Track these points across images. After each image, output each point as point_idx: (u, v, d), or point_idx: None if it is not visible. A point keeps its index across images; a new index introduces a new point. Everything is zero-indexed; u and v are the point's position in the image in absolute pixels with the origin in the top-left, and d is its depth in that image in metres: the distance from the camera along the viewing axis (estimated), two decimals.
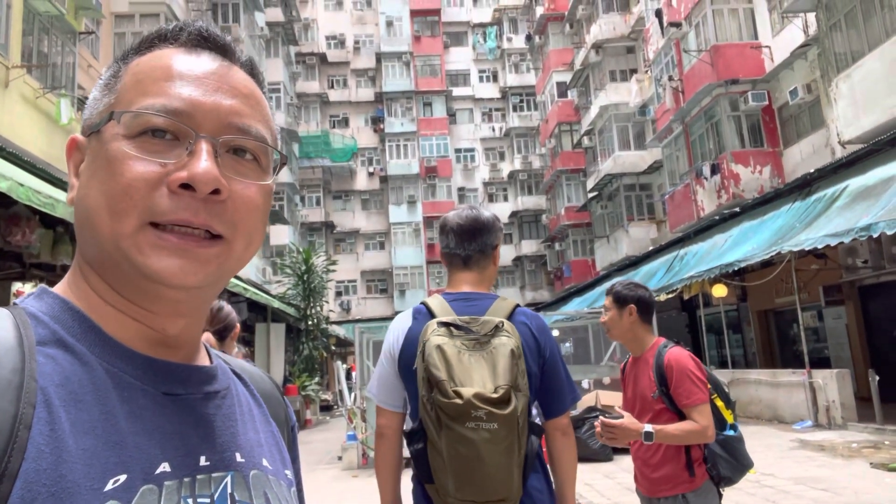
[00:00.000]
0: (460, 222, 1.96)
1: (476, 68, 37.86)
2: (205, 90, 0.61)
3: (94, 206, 0.59)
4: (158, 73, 0.61)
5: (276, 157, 0.67)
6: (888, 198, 8.53)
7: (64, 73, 11.82)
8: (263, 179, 0.64)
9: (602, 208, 24.89)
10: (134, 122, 0.59)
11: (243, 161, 0.63)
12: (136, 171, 0.57)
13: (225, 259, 0.61)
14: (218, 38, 0.66)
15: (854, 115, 11.77)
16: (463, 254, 1.95)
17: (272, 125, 0.68)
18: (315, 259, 19.16)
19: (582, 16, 25.68)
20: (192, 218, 0.58)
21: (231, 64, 0.66)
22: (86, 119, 0.65)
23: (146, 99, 0.60)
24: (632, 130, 22.93)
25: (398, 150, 35.53)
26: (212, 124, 0.60)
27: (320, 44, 36.67)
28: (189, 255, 0.58)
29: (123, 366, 0.58)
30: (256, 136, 0.63)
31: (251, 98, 0.65)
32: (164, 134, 0.59)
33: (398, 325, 1.94)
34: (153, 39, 0.65)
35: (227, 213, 0.60)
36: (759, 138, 16.27)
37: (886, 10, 11.03)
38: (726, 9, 16.48)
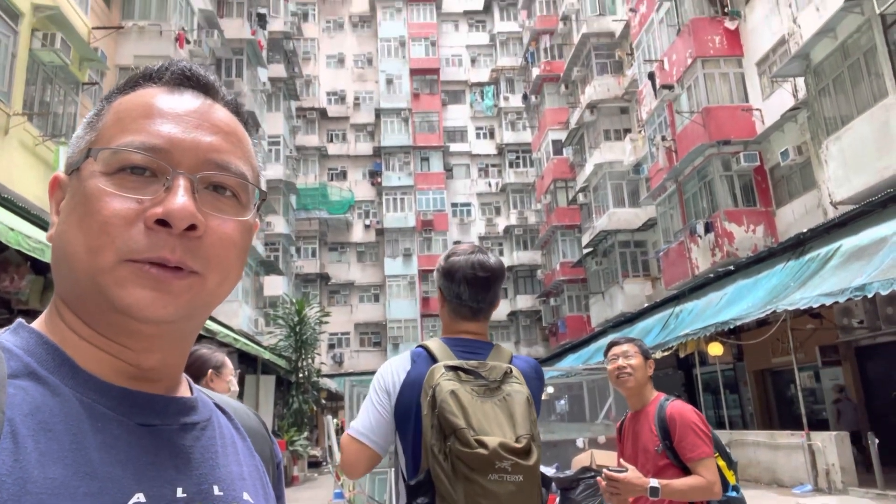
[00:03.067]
0: (476, 273, 1.80)
1: (473, 125, 38.58)
2: (185, 127, 0.62)
3: (72, 241, 0.59)
4: (139, 112, 0.62)
5: (256, 194, 0.67)
6: (881, 258, 8.55)
7: (65, 122, 11.96)
8: (243, 216, 0.64)
9: (597, 264, 24.94)
10: (112, 159, 0.59)
11: (222, 198, 0.63)
12: (112, 207, 0.57)
13: (198, 292, 0.60)
14: (201, 76, 0.67)
15: (845, 177, 11.94)
16: (476, 307, 1.82)
17: (254, 162, 0.68)
18: (308, 310, 19.01)
19: (577, 77, 26.34)
20: (168, 255, 0.57)
21: (214, 102, 0.66)
22: (68, 157, 0.65)
23: (126, 136, 0.60)
24: (626, 188, 23.20)
25: (395, 204, 35.81)
26: (190, 161, 0.60)
27: (321, 99, 37.43)
28: (162, 288, 0.58)
29: (97, 397, 0.58)
30: (236, 172, 0.63)
31: (232, 135, 0.65)
32: (143, 171, 0.59)
33: (395, 367, 1.78)
34: (138, 79, 0.66)
35: (203, 248, 0.60)
36: (752, 198, 16.45)
37: (873, 76, 11.34)
38: (717, 73, 16.93)
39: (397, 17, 38.48)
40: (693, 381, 18.19)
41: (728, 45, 16.95)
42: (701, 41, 16.94)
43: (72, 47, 11.31)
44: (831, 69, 12.50)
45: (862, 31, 11.51)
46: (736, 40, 16.97)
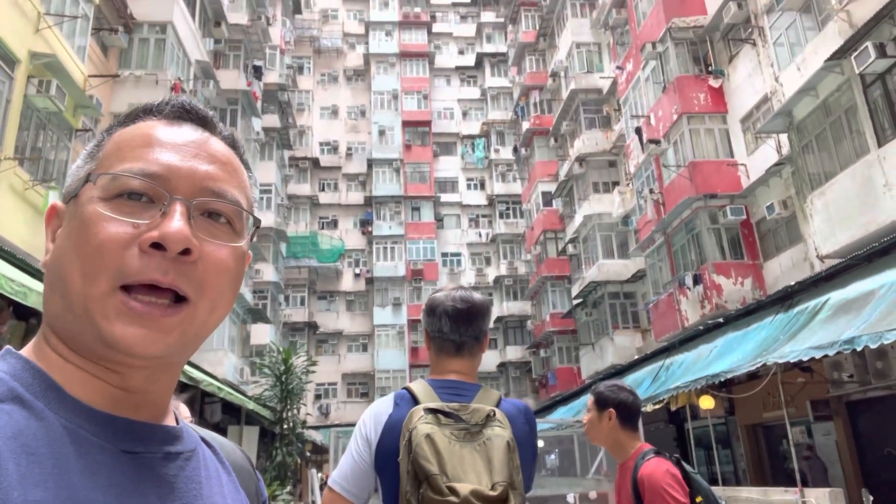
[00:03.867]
0: (456, 305, 1.79)
1: (464, 176, 39.05)
2: (182, 156, 0.64)
3: (67, 266, 0.60)
4: (139, 142, 0.64)
5: (251, 223, 0.69)
6: (869, 312, 8.57)
7: (56, 168, 11.97)
8: (236, 242, 0.65)
9: (587, 315, 24.88)
10: (111, 185, 0.61)
11: (217, 224, 0.64)
12: (108, 231, 0.58)
13: (188, 325, 0.61)
14: (199, 110, 0.69)
15: (830, 231, 12.09)
16: (458, 340, 1.79)
17: (248, 192, 0.70)
18: (295, 359, 18.73)
19: (566, 131, 26.86)
20: (161, 278, 0.58)
21: (211, 135, 0.68)
22: (66, 187, 0.67)
23: (125, 164, 0.62)
24: (615, 239, 23.38)
25: (385, 253, 35.85)
26: (187, 188, 0.62)
27: (314, 149, 37.87)
28: (152, 325, 0.58)
29: (81, 422, 0.58)
30: (231, 200, 0.65)
31: (228, 165, 0.67)
32: (140, 197, 0.61)
33: (377, 411, 1.73)
34: (138, 113, 0.68)
35: (197, 273, 0.61)
36: (740, 251, 16.60)
37: (855, 133, 11.62)
38: (702, 128, 17.31)
39: (391, 71, 39.37)
40: (685, 435, 17.92)
41: (712, 103, 17.40)
42: (686, 98, 17.39)
43: (67, 94, 11.42)
44: (814, 126, 12.81)
45: (842, 90, 11.85)
46: (720, 98, 17.42)
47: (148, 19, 15.72)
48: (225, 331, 20.01)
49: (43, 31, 11.18)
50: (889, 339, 7.28)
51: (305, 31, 39.38)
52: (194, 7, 18.03)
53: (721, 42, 17.68)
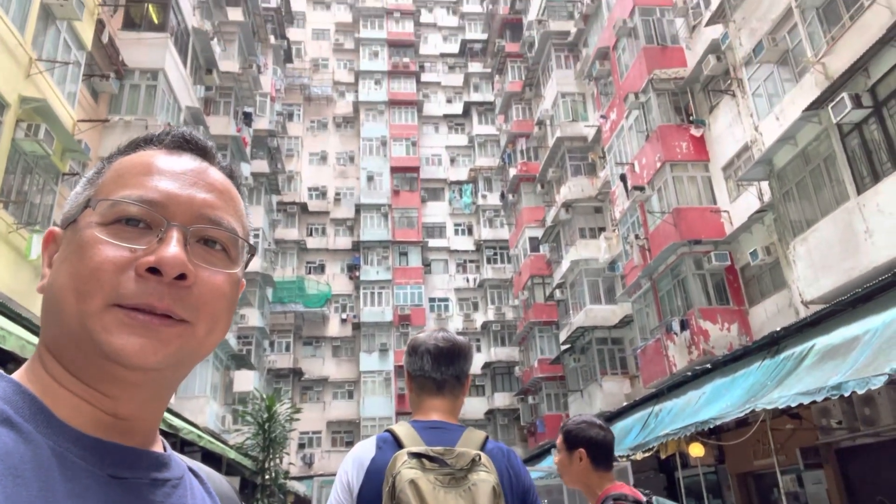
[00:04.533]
0: (437, 344, 1.80)
1: (452, 222, 39.27)
2: (181, 184, 0.65)
3: (62, 287, 0.61)
4: (139, 169, 0.66)
5: (246, 251, 0.70)
6: (855, 357, 8.59)
7: (41, 212, 11.90)
8: (231, 269, 0.67)
9: (575, 361, 24.73)
10: (109, 211, 0.62)
11: (213, 251, 0.66)
12: (105, 254, 0.60)
13: (186, 340, 0.62)
14: (199, 140, 0.71)
15: (814, 277, 12.21)
16: (439, 378, 1.78)
17: (245, 221, 0.71)
18: (279, 406, 18.37)
19: (552, 177, 27.22)
20: (157, 302, 0.59)
21: (210, 165, 0.70)
22: (64, 213, 0.68)
23: (124, 190, 0.63)
24: (602, 285, 23.45)
25: (372, 298, 35.68)
26: (185, 215, 0.63)
27: (302, 194, 38.03)
28: (151, 334, 0.59)
29: (69, 446, 0.58)
30: (228, 227, 0.66)
31: (225, 194, 0.69)
32: (138, 223, 0.62)
33: (358, 455, 1.68)
34: (139, 142, 0.70)
35: (192, 298, 0.62)
36: (725, 296, 16.68)
37: (834, 182, 11.86)
38: (685, 176, 17.62)
39: (380, 118, 39.96)
40: (675, 484, 17.62)
41: (694, 151, 17.76)
42: (669, 146, 17.75)
43: (55, 138, 11.44)
44: (794, 174, 13.07)
45: (821, 139, 12.15)
46: (702, 146, 17.80)
47: (140, 66, 15.92)
48: (207, 377, 19.65)
49: (34, 76, 11.28)
50: (876, 384, 7.28)
51: (296, 80, 40.05)
52: (186, 55, 18.31)
53: (702, 93, 18.16)
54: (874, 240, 10.61)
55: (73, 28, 12.76)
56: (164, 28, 16.60)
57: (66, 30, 12.61)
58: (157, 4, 16.77)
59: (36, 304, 10.93)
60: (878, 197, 10.57)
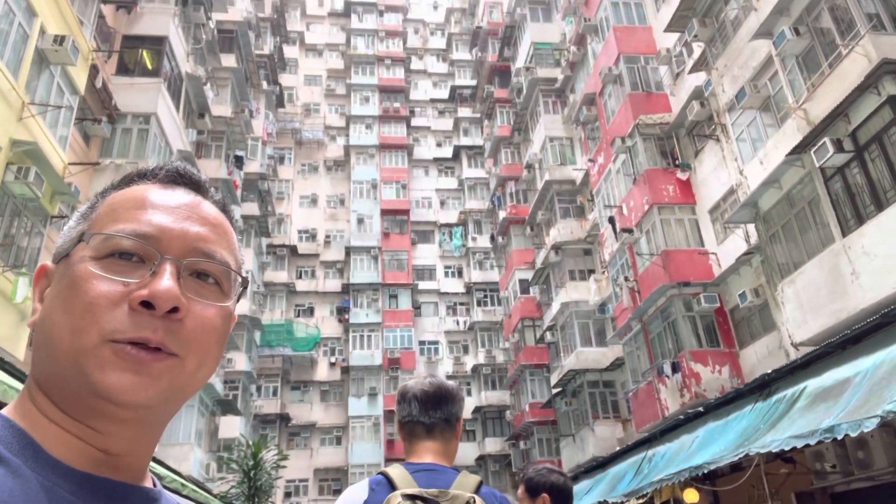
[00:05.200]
0: (424, 389, 1.81)
1: (442, 264, 39.30)
2: (175, 218, 0.66)
3: (56, 323, 0.61)
4: (132, 204, 0.66)
5: (239, 284, 0.70)
6: (847, 400, 8.55)
7: (28, 254, 11.80)
8: (223, 302, 0.67)
9: (567, 405, 24.48)
10: (103, 245, 0.62)
11: (205, 284, 0.66)
12: (98, 289, 0.60)
13: (177, 375, 0.61)
14: (193, 175, 0.72)
15: (802, 319, 12.24)
16: (427, 421, 1.77)
17: (237, 254, 0.72)
18: (265, 453, 17.97)
19: (541, 220, 27.43)
20: (150, 336, 0.60)
21: (203, 199, 0.71)
22: (57, 248, 0.68)
23: (118, 224, 0.64)
24: (593, 327, 23.40)
25: (362, 341, 35.37)
26: (178, 248, 0.64)
27: (292, 237, 38.03)
28: (143, 370, 0.59)
29: (59, 480, 0.58)
30: (221, 261, 0.67)
31: (219, 227, 0.69)
32: (131, 256, 0.62)
33: (351, 497, 1.65)
34: (133, 177, 0.71)
35: (184, 331, 0.62)
36: (716, 338, 16.67)
37: (820, 224, 12.01)
38: (673, 218, 17.81)
39: (370, 162, 40.35)
40: None
41: (681, 194, 18.00)
42: (656, 190, 17.99)
43: (45, 181, 11.42)
44: (779, 217, 13.24)
45: (804, 183, 12.35)
46: (688, 189, 18.05)
47: (132, 110, 16.05)
48: (192, 423, 19.23)
49: (26, 119, 11.33)
50: (868, 426, 7.23)
51: (288, 124, 40.50)
52: (179, 99, 18.51)
53: (687, 137, 18.51)
54: (861, 282, 10.70)
55: (66, 73, 12.90)
56: (157, 73, 16.81)
57: (60, 74, 12.74)
58: (152, 51, 17.02)
59: (20, 348, 10.74)
60: (862, 239, 10.71)
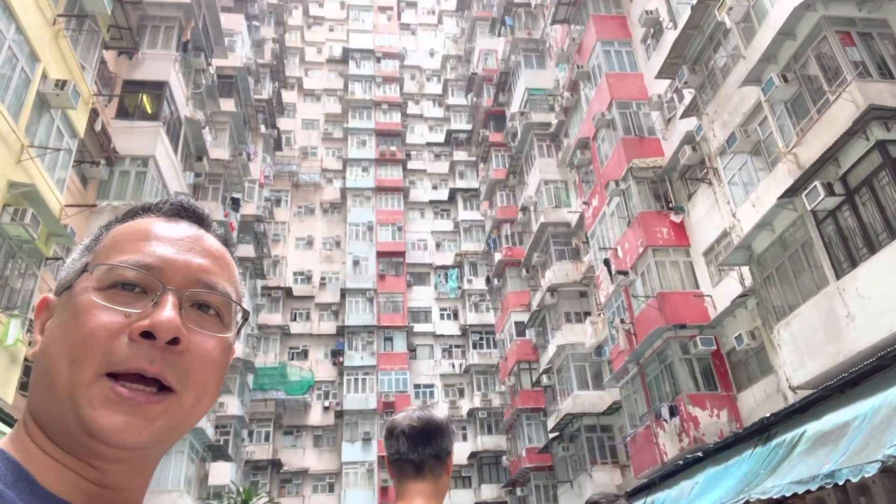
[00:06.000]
0: (412, 424, 1.74)
1: (437, 306, 39.16)
2: (178, 249, 0.67)
3: (55, 354, 0.61)
4: (136, 235, 0.67)
5: (240, 315, 0.71)
6: (846, 444, 8.45)
7: (21, 296, 11.73)
8: (224, 334, 0.67)
9: (564, 450, 24.09)
10: (106, 276, 0.63)
11: (206, 316, 0.66)
12: (99, 320, 0.60)
13: (172, 415, 0.61)
14: (196, 208, 0.73)
15: (799, 362, 12.18)
16: (416, 459, 1.71)
17: (238, 286, 0.73)
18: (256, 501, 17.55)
19: (537, 262, 27.50)
20: (148, 367, 0.59)
21: (206, 232, 0.72)
22: (60, 280, 0.68)
23: (122, 255, 0.65)
24: (589, 370, 23.21)
25: (356, 385, 34.96)
26: (180, 279, 0.65)
27: (287, 278, 37.95)
28: (137, 412, 0.59)
29: None
30: (222, 292, 0.67)
31: (221, 260, 0.70)
32: (134, 287, 0.63)
33: None
34: (137, 210, 0.72)
35: (183, 363, 0.62)
36: (713, 381, 16.54)
37: (813, 267, 12.07)
38: (667, 261, 17.88)
39: (366, 204, 40.61)
40: None
41: (675, 236, 18.12)
42: (650, 232, 18.10)
43: (41, 223, 11.44)
44: (773, 259, 13.31)
45: (797, 226, 12.46)
46: (682, 232, 18.18)
47: (130, 153, 16.20)
48: (181, 469, 18.81)
49: (25, 161, 11.42)
50: (869, 471, 7.13)
51: (285, 167, 40.87)
52: (178, 143, 18.71)
53: (679, 181, 18.74)
54: (856, 324, 10.70)
55: (66, 116, 13.06)
56: (156, 117, 17.03)
57: (60, 118, 12.90)
58: (152, 95, 17.29)
59: (9, 391, 10.57)
60: (856, 282, 10.74)
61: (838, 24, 11.61)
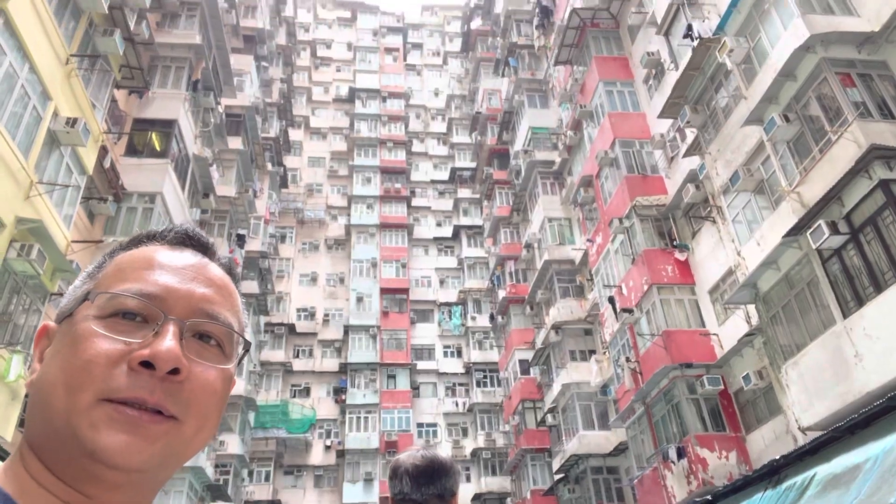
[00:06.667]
0: (416, 463, 1.73)
1: (441, 343, 38.91)
2: (181, 278, 0.66)
3: (52, 381, 0.60)
4: (139, 264, 0.67)
5: (241, 346, 0.70)
6: (858, 487, 8.25)
7: (24, 332, 11.71)
8: (225, 364, 0.67)
9: (570, 492, 23.60)
10: (107, 304, 0.63)
11: (207, 346, 0.66)
12: (99, 348, 0.60)
13: (173, 438, 0.60)
14: (201, 237, 0.74)
15: (808, 402, 11.99)
16: (420, 499, 1.69)
17: (241, 317, 0.72)
18: None
19: (541, 299, 27.39)
20: (147, 396, 0.59)
21: (210, 261, 0.72)
22: (61, 307, 0.68)
23: (124, 284, 0.64)
24: (595, 409, 22.89)
25: (358, 423, 34.53)
26: (183, 308, 0.64)
27: (291, 315, 37.85)
28: (139, 432, 0.58)
29: None
30: (224, 322, 0.67)
31: (224, 289, 0.70)
32: (135, 316, 0.62)
33: None
34: (142, 238, 0.72)
35: (184, 393, 0.61)
36: (721, 422, 16.28)
37: (820, 306, 11.98)
38: (672, 299, 17.79)
39: (371, 241, 40.74)
40: None
41: (680, 274, 18.06)
42: (654, 270, 18.06)
43: (47, 258, 11.49)
44: (779, 298, 13.22)
45: (802, 264, 12.41)
46: (687, 270, 18.13)
47: (138, 190, 16.36)
48: None
49: (33, 197, 11.53)
50: None
51: (290, 204, 41.17)
52: (185, 179, 18.91)
53: (683, 218, 18.77)
54: (864, 364, 10.56)
55: (76, 153, 13.24)
56: (165, 154, 17.25)
57: (70, 155, 13.08)
58: (161, 133, 17.54)
59: (9, 429, 10.47)
60: (863, 321, 10.65)
61: (838, 65, 11.78)
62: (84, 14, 13.55)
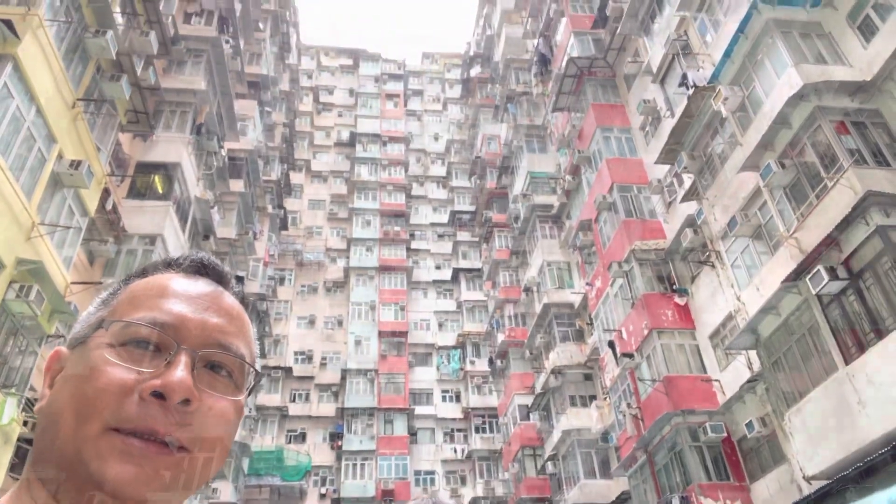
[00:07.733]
0: None
1: (439, 388, 38.45)
2: (195, 308, 0.66)
3: (62, 409, 0.60)
4: (154, 292, 0.67)
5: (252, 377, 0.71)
6: None
7: (19, 374, 11.58)
8: (236, 396, 0.67)
9: None
10: (121, 332, 0.63)
11: (218, 377, 0.66)
12: (110, 377, 0.59)
13: (181, 470, 0.60)
14: (217, 266, 0.74)
15: (812, 451, 11.79)
16: None
17: (253, 347, 0.72)
18: None
19: (540, 344, 27.20)
20: (158, 427, 0.59)
21: (224, 290, 0.72)
22: (74, 333, 0.68)
23: (138, 312, 0.64)
24: (596, 457, 22.48)
25: (355, 470, 33.83)
26: (196, 338, 0.64)
27: (288, 358, 37.48)
28: (147, 463, 0.58)
29: None
30: (236, 353, 0.67)
31: (237, 320, 0.70)
32: (148, 345, 0.62)
33: None
34: (157, 265, 0.72)
35: (195, 424, 0.61)
36: (725, 471, 15.97)
37: (821, 352, 11.89)
38: (673, 344, 17.67)
39: (370, 283, 40.68)
40: None
41: (680, 319, 17.98)
42: (654, 314, 17.99)
43: (46, 300, 11.45)
44: (780, 344, 13.14)
45: (802, 310, 12.37)
46: (687, 314, 18.06)
47: (139, 232, 16.42)
48: None
49: (34, 239, 11.56)
50: None
51: (290, 246, 41.24)
52: (186, 221, 19.00)
53: (682, 263, 18.81)
54: (868, 412, 10.43)
55: (79, 195, 13.33)
56: (167, 197, 17.37)
57: (73, 196, 13.16)
58: (164, 176, 17.71)
59: (0, 472, 10.25)
60: (866, 367, 10.56)
61: (832, 113, 11.99)
62: (92, 59, 13.83)
